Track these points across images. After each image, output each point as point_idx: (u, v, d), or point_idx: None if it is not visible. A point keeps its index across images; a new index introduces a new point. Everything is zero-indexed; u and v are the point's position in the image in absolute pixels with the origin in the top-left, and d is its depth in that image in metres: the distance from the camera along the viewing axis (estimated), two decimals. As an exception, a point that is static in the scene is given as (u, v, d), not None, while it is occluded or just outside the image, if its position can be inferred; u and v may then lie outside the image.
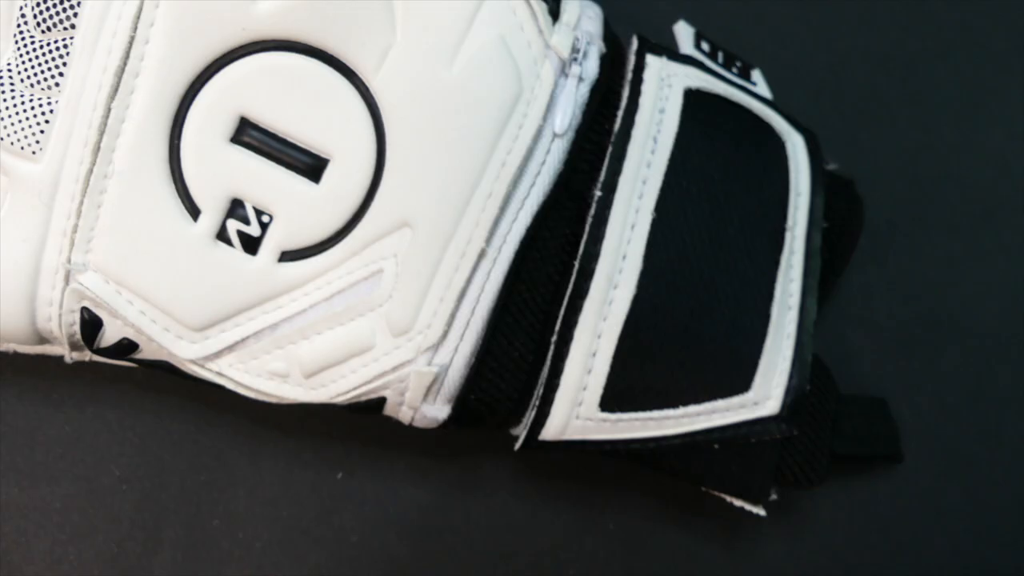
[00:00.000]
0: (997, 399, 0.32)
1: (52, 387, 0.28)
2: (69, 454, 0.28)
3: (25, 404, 0.28)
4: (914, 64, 0.35)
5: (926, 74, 0.36)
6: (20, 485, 0.28)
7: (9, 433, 0.28)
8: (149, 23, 0.23)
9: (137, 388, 0.28)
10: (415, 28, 0.23)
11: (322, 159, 0.24)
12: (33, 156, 0.23)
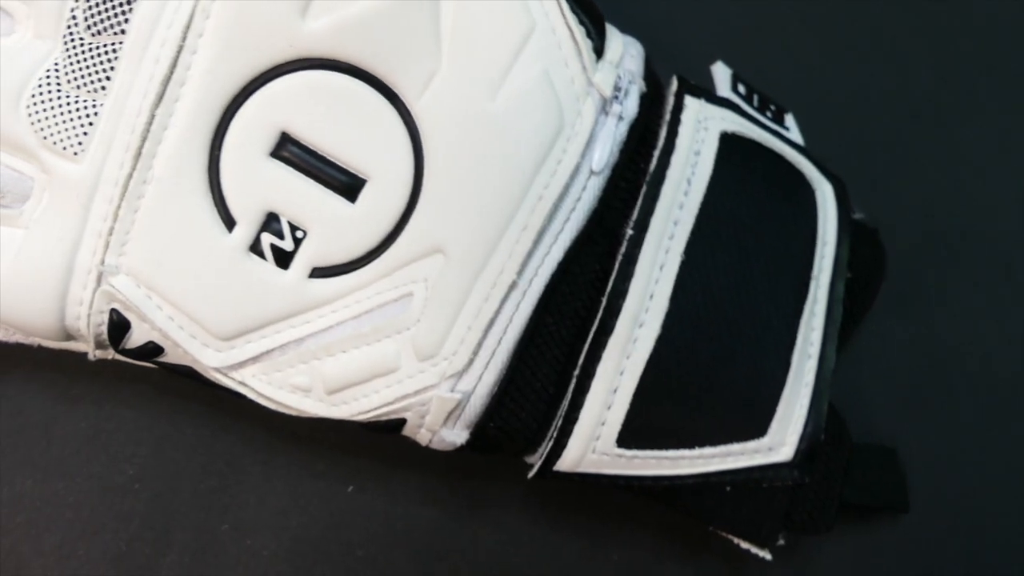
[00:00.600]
0: (1007, 456, 0.33)
1: (71, 383, 0.28)
2: (84, 451, 0.28)
3: (44, 398, 0.28)
4: (943, 115, 0.36)
5: (954, 125, 0.36)
6: (34, 478, 0.28)
7: (27, 426, 0.28)
8: (198, 33, 0.23)
9: (155, 389, 0.28)
10: (461, 57, 0.24)
11: (359, 179, 0.24)
12: (75, 157, 0.23)
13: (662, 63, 0.27)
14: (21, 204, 0.24)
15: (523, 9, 0.24)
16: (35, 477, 0.28)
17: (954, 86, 0.36)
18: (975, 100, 0.36)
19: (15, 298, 0.24)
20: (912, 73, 0.36)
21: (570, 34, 0.24)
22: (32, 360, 0.27)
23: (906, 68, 0.36)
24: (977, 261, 0.34)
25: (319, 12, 0.23)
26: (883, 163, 0.35)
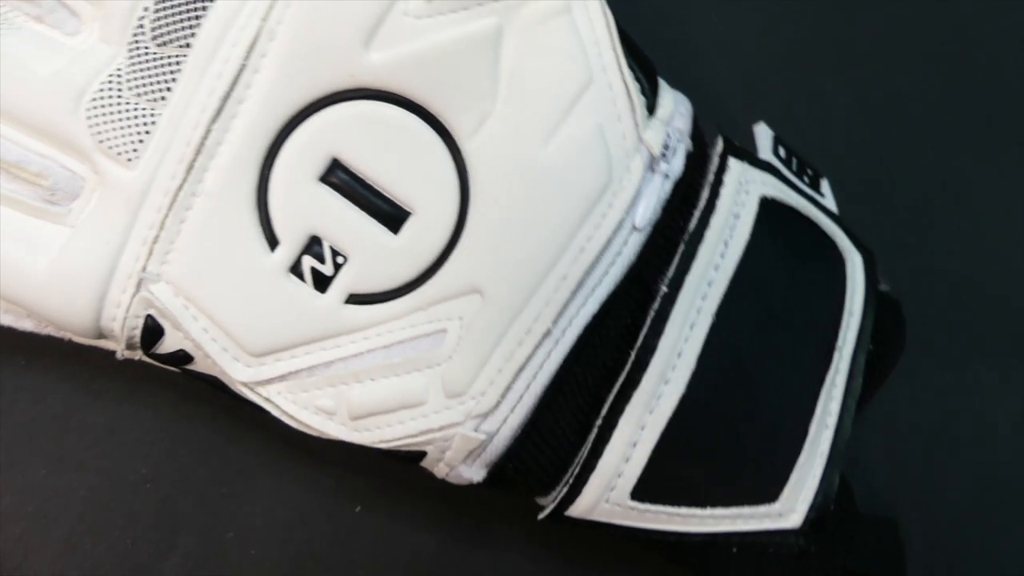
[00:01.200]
0: (1008, 534, 0.33)
1: (94, 377, 0.29)
2: (99, 445, 0.28)
3: (66, 389, 0.28)
4: (968, 184, 0.36)
5: (981, 197, 0.36)
6: (48, 468, 0.28)
7: (45, 416, 0.28)
8: (262, 54, 0.23)
9: (175, 391, 0.29)
10: (517, 102, 0.24)
11: (404, 211, 0.24)
12: (128, 163, 0.23)
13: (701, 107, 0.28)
14: (70, 203, 0.24)
15: (583, 61, 0.24)
16: (49, 467, 0.28)
17: (974, 152, 0.36)
18: (993, 167, 0.36)
19: (54, 294, 0.24)
20: (936, 143, 0.36)
21: (626, 90, 0.24)
22: (58, 351, 0.27)
23: (931, 137, 0.36)
24: (994, 335, 0.35)
25: (382, 45, 0.23)
26: (906, 231, 0.35)
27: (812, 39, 0.35)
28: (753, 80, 0.35)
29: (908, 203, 0.36)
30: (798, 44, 0.35)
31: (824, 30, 0.35)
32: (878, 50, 0.36)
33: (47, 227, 0.24)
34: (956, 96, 0.37)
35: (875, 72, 0.36)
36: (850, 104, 0.36)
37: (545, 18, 0.24)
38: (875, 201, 0.35)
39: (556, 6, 0.24)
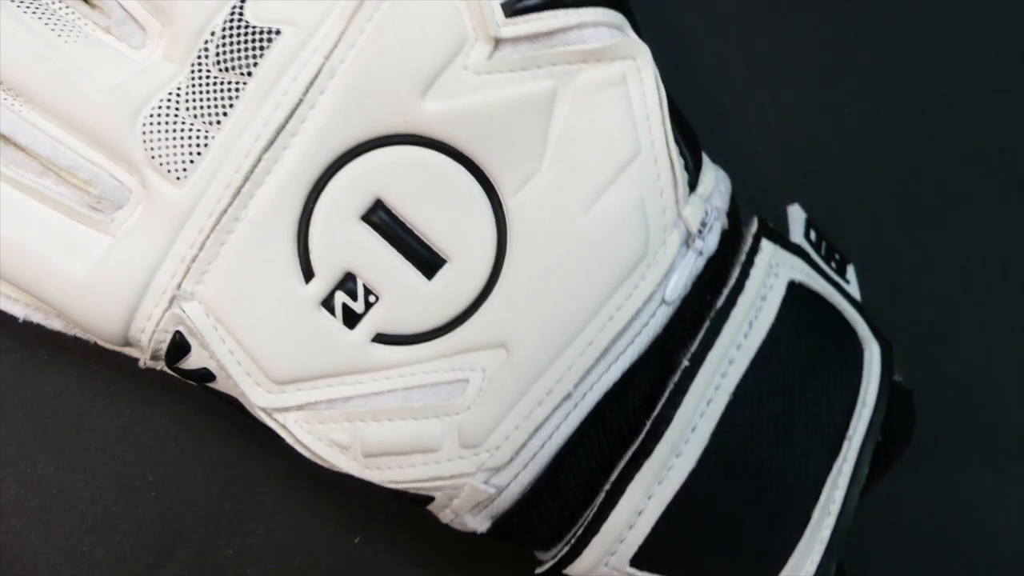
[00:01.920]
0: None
1: (113, 379, 0.29)
2: (110, 448, 0.29)
3: (84, 389, 0.29)
4: (988, 283, 0.36)
5: (1002, 294, 0.37)
6: (56, 465, 0.28)
7: (61, 413, 0.28)
8: (320, 91, 0.24)
9: (191, 402, 0.29)
10: (563, 165, 0.24)
11: (440, 258, 0.24)
12: (176, 181, 0.24)
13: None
14: (114, 211, 0.24)
15: (632, 133, 0.24)
16: (58, 464, 0.28)
17: (983, 252, 0.37)
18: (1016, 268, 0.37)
19: (88, 301, 0.24)
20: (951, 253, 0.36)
21: (670, 165, 0.25)
22: (81, 350, 0.28)
23: (946, 244, 0.36)
24: (1000, 437, 0.35)
25: (438, 95, 0.24)
26: (911, 310, 0.36)
27: (851, 126, 0.36)
28: (791, 156, 0.35)
29: (927, 291, 0.36)
30: (837, 125, 0.36)
31: (862, 118, 0.36)
32: (914, 135, 0.37)
33: (89, 233, 0.24)
34: (984, 187, 0.37)
35: (906, 160, 0.37)
36: (879, 189, 0.36)
37: (600, 87, 0.24)
38: (895, 285, 0.36)
39: (612, 76, 0.24)
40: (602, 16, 0.25)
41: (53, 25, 0.24)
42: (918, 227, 0.36)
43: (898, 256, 0.36)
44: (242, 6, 0.24)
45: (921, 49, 0.36)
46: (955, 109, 0.37)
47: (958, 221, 0.37)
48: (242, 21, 0.24)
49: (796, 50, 0.35)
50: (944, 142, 0.37)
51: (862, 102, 0.36)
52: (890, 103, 0.36)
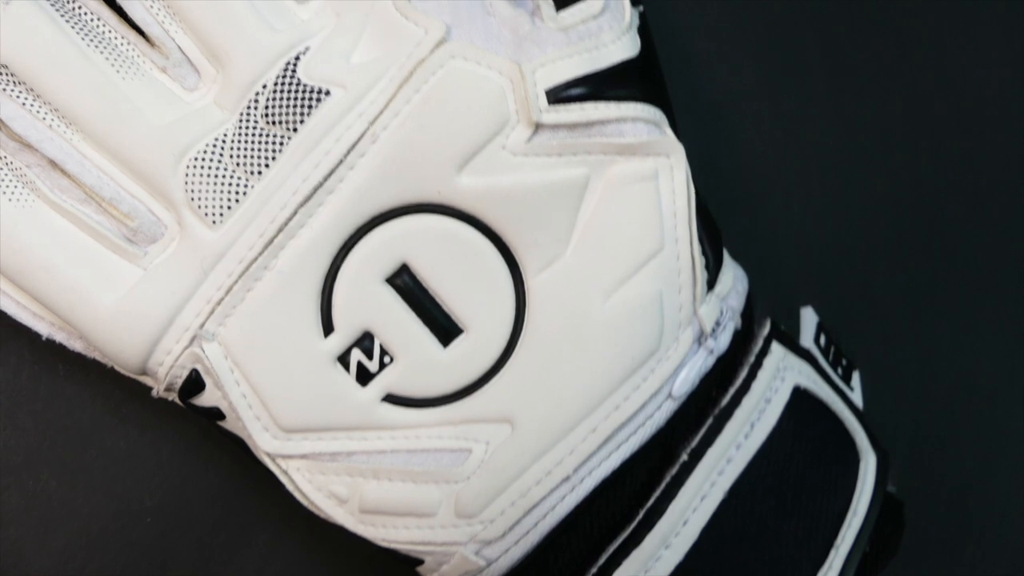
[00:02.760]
0: None
1: (125, 400, 0.29)
2: (113, 468, 0.29)
3: (95, 407, 0.29)
4: (991, 398, 0.37)
5: (1002, 411, 0.37)
6: (60, 479, 0.29)
7: (71, 429, 0.29)
8: (361, 153, 0.24)
9: (197, 433, 0.29)
10: (587, 253, 0.25)
11: (458, 328, 0.25)
12: (212, 224, 0.25)
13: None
14: (148, 245, 0.25)
15: (658, 228, 0.25)
16: (61, 478, 0.29)
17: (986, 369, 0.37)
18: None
19: (112, 330, 0.25)
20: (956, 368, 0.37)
21: (692, 263, 0.25)
22: (98, 370, 0.28)
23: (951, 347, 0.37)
24: (982, 543, 0.35)
25: (475, 171, 0.25)
26: (910, 418, 0.36)
27: (873, 227, 0.36)
28: (810, 249, 0.36)
29: (930, 401, 0.36)
30: (859, 225, 0.36)
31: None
32: (933, 241, 0.37)
33: (121, 264, 0.25)
34: (996, 298, 0.37)
35: (923, 263, 0.37)
36: (892, 289, 0.37)
37: (632, 180, 0.25)
38: (897, 391, 0.36)
39: (645, 171, 0.25)
40: (642, 112, 0.25)
41: (113, 60, 0.25)
42: (928, 330, 0.37)
43: (906, 357, 0.36)
44: (296, 64, 0.25)
45: (948, 158, 0.37)
46: (976, 217, 0.37)
47: (968, 329, 0.37)
48: (294, 78, 0.25)
49: (825, 147, 0.35)
50: (963, 249, 0.37)
51: (886, 204, 0.36)
52: (915, 209, 0.37)
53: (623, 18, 0.27)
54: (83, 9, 0.26)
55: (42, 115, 0.25)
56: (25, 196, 0.25)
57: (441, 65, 0.24)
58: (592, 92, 0.25)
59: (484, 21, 0.25)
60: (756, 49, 0.34)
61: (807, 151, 0.35)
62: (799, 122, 0.35)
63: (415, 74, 0.24)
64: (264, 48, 0.25)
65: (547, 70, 0.25)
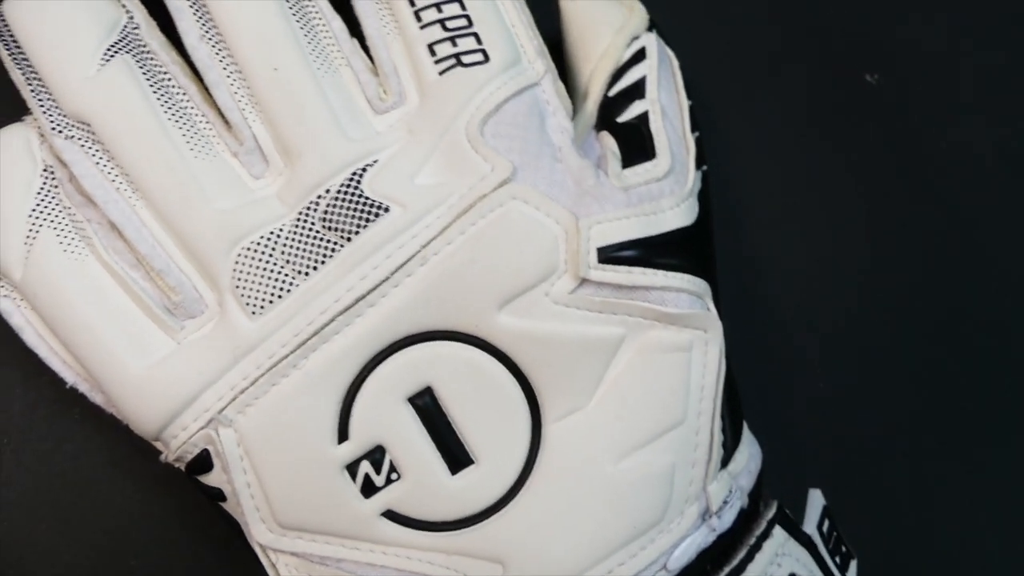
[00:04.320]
0: None
1: (132, 458, 0.29)
2: (105, 522, 0.29)
3: (101, 457, 0.30)
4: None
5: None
6: (50, 522, 0.29)
7: (72, 474, 0.29)
8: (408, 274, 0.25)
9: (195, 504, 0.29)
10: (608, 411, 0.25)
11: (469, 458, 0.25)
12: (251, 315, 0.25)
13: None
14: (185, 319, 0.26)
15: (683, 401, 0.25)
16: (51, 522, 0.29)
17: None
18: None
19: (135, 396, 0.25)
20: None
21: (710, 441, 0.26)
22: (112, 423, 0.28)
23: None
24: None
25: (515, 312, 0.25)
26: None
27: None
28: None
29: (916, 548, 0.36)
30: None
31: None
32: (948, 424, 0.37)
33: (157, 333, 0.26)
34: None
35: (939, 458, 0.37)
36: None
37: (666, 349, 0.25)
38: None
39: (680, 342, 0.25)
40: (687, 284, 0.26)
41: (189, 137, 0.26)
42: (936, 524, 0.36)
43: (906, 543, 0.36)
44: (362, 174, 0.25)
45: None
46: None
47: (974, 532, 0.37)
48: (358, 189, 0.25)
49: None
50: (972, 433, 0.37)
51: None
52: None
53: (686, 183, 0.27)
54: (172, 81, 0.27)
55: (112, 176, 0.26)
56: (80, 250, 0.26)
57: (501, 204, 0.25)
58: (642, 256, 0.25)
59: (551, 166, 0.26)
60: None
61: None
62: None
63: (475, 207, 0.25)
64: (335, 155, 0.25)
65: (603, 228, 0.25)
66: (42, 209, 0.26)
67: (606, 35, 0.29)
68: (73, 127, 0.26)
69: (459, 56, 0.26)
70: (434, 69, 0.26)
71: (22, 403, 0.29)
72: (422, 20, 0.26)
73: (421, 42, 0.26)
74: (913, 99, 0.37)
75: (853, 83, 0.36)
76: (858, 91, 0.36)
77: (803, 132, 0.35)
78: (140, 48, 0.27)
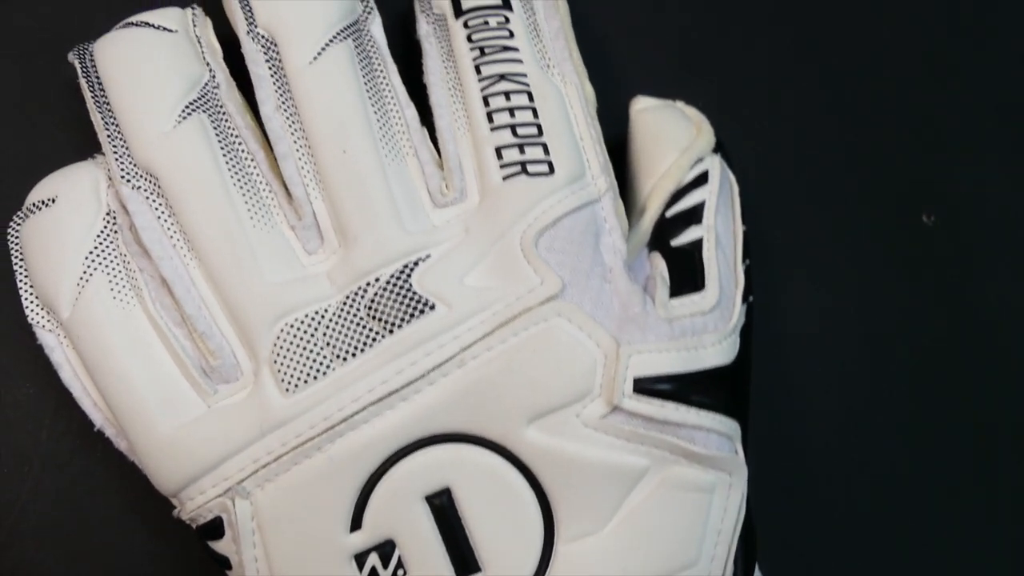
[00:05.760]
0: None
1: (145, 502, 0.29)
2: (110, 565, 0.29)
3: (115, 499, 0.30)
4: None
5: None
6: (56, 557, 0.29)
7: (86, 511, 0.29)
8: (444, 373, 0.25)
9: (203, 566, 0.30)
10: (622, 541, 0.25)
11: (476, 565, 0.25)
12: (285, 391, 0.25)
13: None
14: (219, 384, 0.26)
15: (698, 541, 0.25)
16: (57, 556, 0.29)
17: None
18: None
19: (158, 454, 0.26)
20: None
21: (721, 585, 0.25)
22: (132, 469, 0.29)
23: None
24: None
25: (543, 429, 0.25)
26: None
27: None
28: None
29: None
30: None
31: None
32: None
33: (190, 394, 0.26)
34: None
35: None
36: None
37: (688, 487, 0.25)
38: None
39: (703, 483, 0.25)
40: (719, 425, 0.26)
41: (251, 205, 0.26)
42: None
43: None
44: (413, 268, 0.26)
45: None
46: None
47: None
48: (407, 283, 0.25)
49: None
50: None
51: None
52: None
53: (731, 318, 0.27)
54: (243, 146, 0.27)
55: (171, 232, 0.26)
56: (129, 300, 0.26)
57: (545, 319, 0.25)
58: (678, 391, 0.25)
59: (599, 287, 0.26)
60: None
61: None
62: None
63: (519, 318, 0.25)
64: (390, 245, 0.26)
65: (643, 359, 0.25)
66: (99, 253, 0.26)
67: (671, 153, 0.29)
68: (141, 178, 0.26)
69: (525, 164, 0.26)
70: (499, 173, 0.26)
71: (50, 432, 0.29)
72: (494, 122, 0.27)
73: (490, 143, 0.27)
74: (968, 243, 0.36)
75: (910, 223, 0.36)
76: (915, 231, 0.36)
77: (854, 265, 0.35)
78: (217, 109, 0.27)
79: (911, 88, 0.36)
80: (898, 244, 0.35)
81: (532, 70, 0.28)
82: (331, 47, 0.27)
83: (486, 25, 0.28)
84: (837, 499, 0.34)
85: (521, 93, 0.27)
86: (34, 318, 0.27)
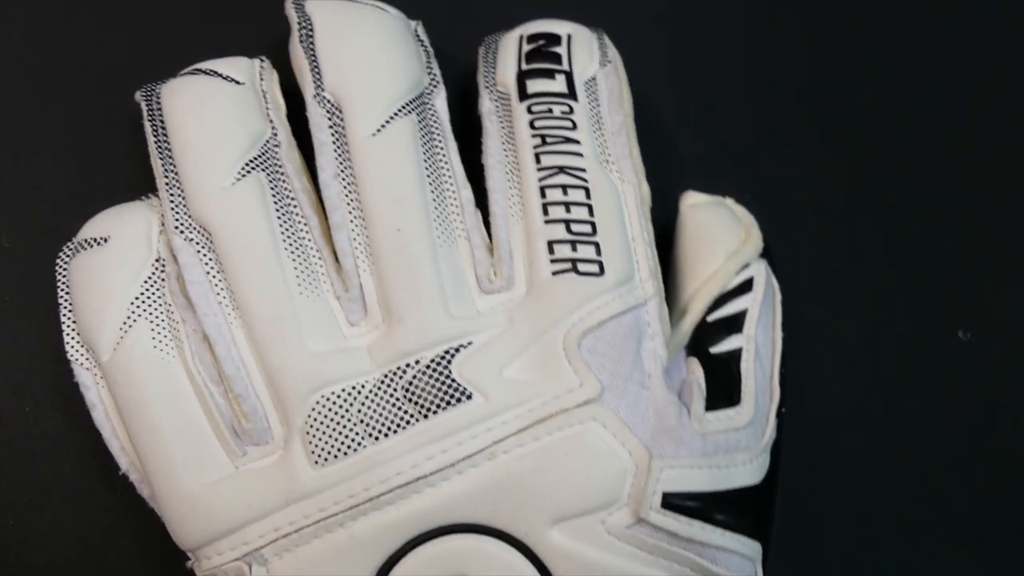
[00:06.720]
0: None
1: (156, 545, 0.29)
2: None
3: (123, 541, 0.30)
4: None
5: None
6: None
7: (88, 544, 0.30)
8: (473, 464, 0.25)
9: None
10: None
11: (477, 657, 0.25)
12: (314, 464, 0.25)
13: None
14: (249, 445, 0.26)
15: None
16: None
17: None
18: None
19: (180, 510, 0.26)
20: None
21: None
22: (147, 513, 0.29)
23: None
24: None
25: (566, 532, 0.25)
26: None
27: None
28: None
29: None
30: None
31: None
32: None
33: (219, 453, 0.26)
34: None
35: None
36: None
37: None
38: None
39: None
40: (742, 547, 0.25)
41: (300, 272, 0.26)
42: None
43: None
44: (454, 355, 0.26)
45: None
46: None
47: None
48: (447, 369, 0.26)
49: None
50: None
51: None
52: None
53: (763, 436, 0.27)
54: (298, 210, 0.27)
55: (218, 289, 0.26)
56: (169, 351, 0.26)
57: (581, 422, 0.25)
58: (704, 510, 0.25)
59: (637, 393, 0.26)
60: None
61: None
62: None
63: (554, 418, 0.25)
64: (434, 329, 0.26)
65: (674, 474, 0.25)
66: (145, 299, 0.27)
67: (719, 256, 0.29)
68: (195, 231, 0.27)
69: (576, 262, 0.26)
70: (549, 268, 0.26)
71: (74, 467, 0.30)
72: (549, 214, 0.27)
73: (542, 236, 0.27)
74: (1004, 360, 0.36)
75: (945, 338, 0.36)
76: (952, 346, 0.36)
77: (893, 382, 0.35)
78: (276, 168, 0.27)
79: (961, 203, 0.36)
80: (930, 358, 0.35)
81: (591, 165, 0.28)
82: (396, 120, 0.27)
83: (550, 113, 0.28)
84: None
85: (579, 188, 0.27)
86: (73, 355, 0.27)
